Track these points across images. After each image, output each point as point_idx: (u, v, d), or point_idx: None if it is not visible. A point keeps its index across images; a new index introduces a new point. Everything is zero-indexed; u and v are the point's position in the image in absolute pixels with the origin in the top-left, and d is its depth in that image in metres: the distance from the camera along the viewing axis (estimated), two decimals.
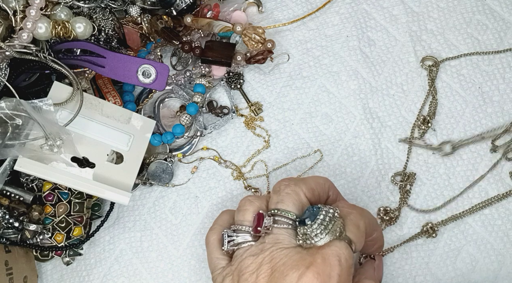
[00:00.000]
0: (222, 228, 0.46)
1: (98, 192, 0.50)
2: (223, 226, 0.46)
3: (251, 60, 0.57)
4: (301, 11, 0.61)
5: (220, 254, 0.45)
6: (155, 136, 0.55)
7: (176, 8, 0.58)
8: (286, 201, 0.42)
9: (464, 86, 0.58)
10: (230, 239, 0.44)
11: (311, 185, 0.44)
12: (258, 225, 0.42)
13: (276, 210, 0.42)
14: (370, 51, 0.59)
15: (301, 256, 0.39)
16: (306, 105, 0.58)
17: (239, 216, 0.44)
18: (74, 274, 0.55)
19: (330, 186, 0.46)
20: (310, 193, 0.43)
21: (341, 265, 0.39)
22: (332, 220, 0.40)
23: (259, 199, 0.45)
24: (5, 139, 0.46)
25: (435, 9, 0.60)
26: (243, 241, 0.43)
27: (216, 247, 0.45)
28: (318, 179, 0.46)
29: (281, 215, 0.42)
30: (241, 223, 0.44)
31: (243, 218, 0.44)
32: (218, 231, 0.46)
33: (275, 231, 0.41)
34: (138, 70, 0.52)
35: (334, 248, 0.39)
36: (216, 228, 0.47)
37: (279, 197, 0.43)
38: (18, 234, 0.52)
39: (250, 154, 0.57)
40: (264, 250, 0.41)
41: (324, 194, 0.45)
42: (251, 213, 0.43)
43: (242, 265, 0.41)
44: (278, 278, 0.39)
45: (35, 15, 0.48)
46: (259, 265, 0.40)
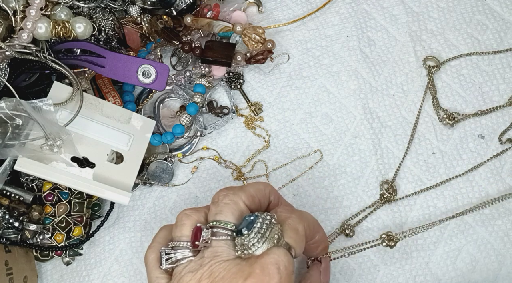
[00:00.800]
0: (161, 246, 0.44)
1: (98, 192, 0.50)
2: (162, 243, 0.44)
3: (251, 60, 0.57)
4: (301, 11, 0.61)
5: (159, 273, 0.43)
6: (155, 136, 0.55)
7: (176, 8, 0.58)
8: (225, 212, 0.41)
9: (464, 86, 0.58)
10: (168, 257, 0.42)
11: (250, 192, 0.43)
12: (196, 239, 0.40)
13: (215, 221, 0.41)
14: (370, 51, 0.59)
15: (240, 268, 0.38)
16: (306, 105, 0.58)
17: (176, 232, 0.42)
18: (74, 274, 0.55)
19: (271, 191, 0.45)
20: (249, 200, 0.42)
21: (280, 273, 0.38)
22: (269, 227, 0.39)
23: (197, 212, 0.43)
24: (5, 139, 0.46)
25: (435, 9, 0.60)
26: (182, 257, 0.41)
27: (155, 266, 0.43)
28: (258, 185, 0.44)
29: (220, 226, 0.40)
30: (179, 239, 0.42)
31: (180, 234, 0.42)
32: (156, 249, 0.44)
33: (214, 244, 0.40)
34: (138, 70, 0.52)
35: (273, 255, 0.38)
36: (154, 246, 0.44)
37: (218, 208, 0.41)
38: (18, 234, 0.52)
39: (250, 154, 0.57)
40: (203, 265, 0.39)
41: (265, 200, 0.44)
42: (188, 228, 0.42)
43: (181, 282, 0.40)
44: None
45: (35, 15, 0.48)
46: (198, 281, 0.39)
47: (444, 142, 0.56)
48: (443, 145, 0.56)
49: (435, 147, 0.56)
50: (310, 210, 0.55)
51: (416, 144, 0.56)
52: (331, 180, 0.56)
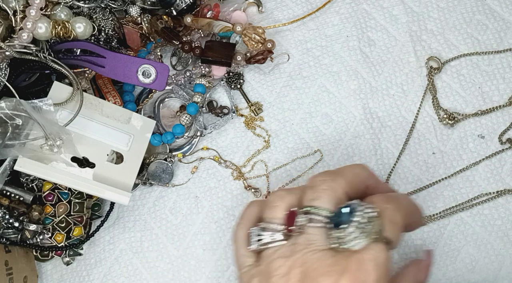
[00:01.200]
0: (250, 223, 0.43)
1: (98, 192, 0.50)
2: (251, 220, 0.43)
3: (251, 60, 0.57)
4: (301, 11, 0.61)
5: (247, 251, 0.42)
6: (155, 136, 0.55)
7: (176, 8, 0.58)
8: (322, 198, 0.39)
9: (464, 86, 0.58)
10: (258, 238, 0.40)
11: (349, 179, 0.40)
12: (290, 224, 0.38)
13: (311, 207, 0.39)
14: (370, 51, 0.59)
15: (335, 260, 0.37)
16: (306, 105, 0.58)
17: (268, 213, 0.41)
18: (74, 274, 0.55)
19: (369, 175, 0.42)
20: (348, 187, 0.40)
21: (378, 270, 0.36)
22: (370, 221, 0.37)
23: (291, 194, 0.41)
24: (5, 139, 0.46)
25: (435, 9, 0.60)
26: (272, 240, 0.39)
27: (243, 243, 0.42)
28: (355, 169, 0.42)
29: (316, 213, 0.38)
30: (271, 220, 0.40)
31: (273, 215, 0.40)
32: (245, 226, 0.43)
33: (308, 231, 0.38)
34: (138, 70, 0.52)
35: (371, 251, 0.36)
36: (243, 223, 0.43)
37: (315, 193, 0.39)
38: (18, 234, 0.52)
39: (250, 154, 0.57)
40: (296, 252, 0.38)
41: (362, 185, 0.42)
42: (281, 210, 0.40)
43: (271, 267, 0.38)
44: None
45: (35, 15, 0.48)
46: (290, 269, 0.37)
47: (444, 142, 0.56)
48: (443, 145, 0.56)
49: (435, 147, 0.56)
50: None
51: (416, 144, 0.56)
52: None
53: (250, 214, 0.44)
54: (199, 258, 0.55)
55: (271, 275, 0.38)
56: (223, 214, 0.56)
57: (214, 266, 0.54)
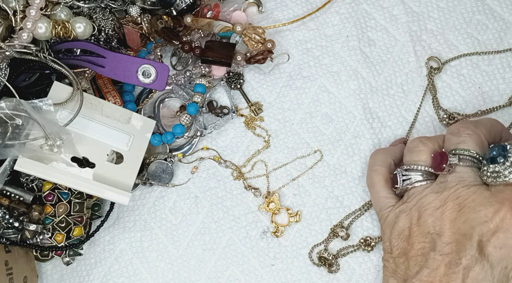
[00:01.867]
0: (384, 169, 0.48)
1: (98, 192, 0.50)
2: (384, 166, 0.48)
3: (251, 60, 0.57)
4: (301, 11, 0.61)
5: (388, 193, 0.47)
6: (155, 136, 0.55)
7: (176, 8, 0.58)
8: (468, 142, 0.43)
9: (464, 86, 0.58)
10: (405, 178, 0.45)
11: (488, 127, 0.45)
12: (443, 162, 0.42)
13: (458, 149, 0.43)
14: (370, 51, 0.59)
15: (491, 193, 0.40)
16: (306, 105, 0.58)
17: (413, 157, 0.45)
18: (74, 274, 0.55)
19: (503, 127, 0.47)
20: (488, 134, 0.44)
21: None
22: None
23: (432, 140, 0.45)
24: (5, 139, 0.46)
25: (435, 9, 0.60)
26: (422, 179, 0.44)
27: (383, 186, 0.47)
28: (493, 121, 0.46)
29: (464, 154, 0.42)
30: (415, 163, 0.45)
31: (417, 159, 0.45)
32: (381, 171, 0.48)
33: (458, 170, 0.42)
34: (138, 70, 0.52)
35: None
36: (378, 169, 0.48)
37: (460, 138, 0.43)
38: (18, 234, 0.52)
39: (250, 154, 0.57)
40: (448, 188, 0.42)
41: (498, 135, 0.46)
42: (426, 154, 0.45)
43: (423, 201, 0.43)
44: (469, 213, 0.40)
45: (35, 15, 0.48)
46: (444, 202, 0.41)
47: None
48: None
49: None
50: (310, 209, 0.55)
51: None
52: (332, 180, 0.56)
53: (382, 161, 0.49)
54: (199, 258, 0.55)
55: (425, 208, 0.42)
56: (223, 214, 0.56)
57: (214, 266, 0.54)
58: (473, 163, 0.43)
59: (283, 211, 0.55)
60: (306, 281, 0.53)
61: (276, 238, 0.55)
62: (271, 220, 0.55)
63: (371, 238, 0.53)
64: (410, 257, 0.43)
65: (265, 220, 0.55)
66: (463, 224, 0.40)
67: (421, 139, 0.46)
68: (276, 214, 0.55)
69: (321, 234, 0.54)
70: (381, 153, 0.50)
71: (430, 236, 0.42)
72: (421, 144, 0.46)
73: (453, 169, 0.43)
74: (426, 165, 0.45)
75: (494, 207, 0.39)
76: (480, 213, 0.40)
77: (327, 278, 0.53)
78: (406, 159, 0.46)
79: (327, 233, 0.54)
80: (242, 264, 0.54)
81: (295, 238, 0.54)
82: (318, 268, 0.53)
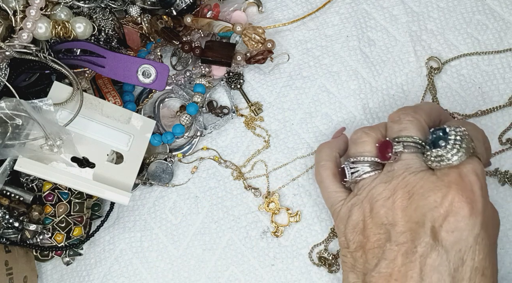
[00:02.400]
0: (331, 163, 0.48)
1: (98, 192, 0.50)
2: (330, 161, 0.48)
3: (251, 60, 0.57)
4: (301, 11, 0.61)
5: (338, 188, 0.46)
6: (155, 136, 0.55)
7: (176, 8, 0.58)
8: (410, 128, 0.43)
9: (464, 86, 0.58)
10: (352, 171, 0.44)
11: (427, 111, 0.45)
12: (388, 151, 0.42)
13: (401, 137, 0.42)
14: (370, 51, 0.59)
15: (437, 177, 0.40)
16: (306, 105, 0.58)
17: (358, 148, 0.45)
18: (74, 274, 0.55)
19: (442, 110, 0.47)
20: (428, 119, 0.44)
21: (479, 179, 0.39)
22: (463, 138, 0.40)
23: (374, 130, 0.45)
24: (5, 139, 0.46)
25: (435, 9, 0.60)
26: (370, 170, 0.44)
27: (332, 181, 0.47)
28: (430, 104, 0.46)
29: (408, 141, 0.42)
30: (361, 154, 0.44)
31: (362, 150, 0.45)
32: (327, 166, 0.47)
33: (404, 157, 0.42)
34: (138, 70, 0.52)
35: (469, 165, 0.40)
36: (325, 165, 0.48)
37: (401, 125, 0.43)
38: (18, 234, 0.52)
39: (250, 154, 0.57)
40: (396, 177, 0.41)
41: (437, 118, 0.46)
42: (370, 144, 0.44)
43: (373, 192, 0.42)
44: (419, 200, 0.40)
45: (35, 15, 0.48)
46: (393, 191, 0.41)
47: None
48: None
49: None
50: (311, 209, 0.55)
51: None
52: None
53: (327, 155, 0.48)
54: (199, 258, 0.55)
55: (375, 199, 0.42)
56: (223, 214, 0.56)
57: (214, 266, 0.54)
58: (417, 149, 0.42)
59: (283, 211, 0.55)
60: (306, 281, 0.53)
61: (276, 238, 0.55)
62: (271, 220, 0.55)
63: None
64: (367, 250, 0.43)
65: (265, 220, 0.55)
66: (414, 211, 0.40)
67: (364, 130, 0.46)
68: (276, 214, 0.55)
69: (321, 234, 0.54)
70: (326, 148, 0.49)
71: (384, 227, 0.41)
72: (364, 134, 0.45)
73: (399, 157, 0.42)
74: (372, 155, 0.44)
75: (442, 191, 0.39)
76: (429, 199, 0.39)
77: (327, 278, 0.53)
78: (352, 152, 0.46)
79: (327, 233, 0.54)
80: (242, 264, 0.54)
81: (295, 238, 0.54)
82: (318, 268, 0.53)
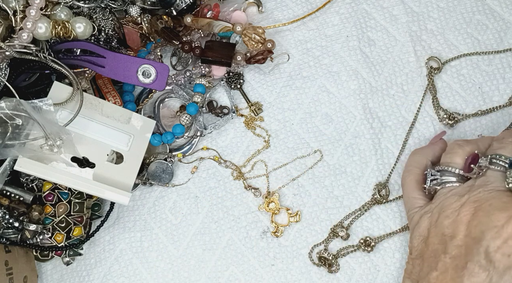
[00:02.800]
0: (418, 170, 0.48)
1: (98, 192, 0.50)
2: (418, 167, 0.48)
3: (251, 60, 0.57)
4: (301, 11, 0.61)
5: (417, 194, 0.47)
6: (155, 136, 0.55)
7: (176, 8, 0.58)
8: (507, 148, 0.43)
9: (464, 86, 0.58)
10: (433, 178, 0.45)
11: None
12: (473, 162, 0.43)
13: (495, 155, 0.42)
14: (370, 51, 0.59)
15: (510, 199, 0.40)
16: (306, 105, 0.58)
17: (446, 158, 0.46)
18: (74, 274, 0.55)
19: None
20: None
21: None
22: None
23: (469, 144, 0.46)
24: (5, 139, 0.46)
25: (435, 9, 0.60)
26: (448, 180, 0.44)
27: (413, 187, 0.47)
28: None
29: (499, 159, 0.42)
30: (448, 164, 0.45)
31: (450, 160, 0.45)
32: (414, 172, 0.48)
33: (488, 173, 0.42)
34: (138, 70, 0.52)
35: None
36: (411, 170, 0.49)
37: (501, 144, 0.43)
38: (18, 234, 0.52)
39: (250, 154, 0.57)
40: (472, 190, 0.42)
41: None
42: (460, 156, 0.45)
43: (444, 202, 0.43)
44: (482, 217, 0.39)
45: (35, 15, 0.48)
46: (463, 204, 0.41)
47: None
48: None
49: None
50: (310, 209, 0.55)
51: (416, 144, 0.56)
52: (332, 180, 0.56)
53: (415, 161, 0.49)
54: (199, 258, 0.55)
55: (444, 210, 0.42)
56: (223, 214, 0.56)
57: (214, 266, 0.54)
58: (504, 168, 0.42)
59: (283, 211, 0.55)
60: (306, 281, 0.53)
61: (276, 238, 0.55)
62: (271, 220, 0.55)
63: (371, 238, 0.53)
64: (425, 259, 0.43)
65: (265, 220, 0.55)
66: (474, 227, 0.40)
67: (458, 142, 0.46)
68: (276, 214, 0.55)
69: (321, 234, 0.54)
70: (418, 154, 0.50)
71: (443, 238, 0.41)
72: (457, 146, 0.46)
73: (483, 172, 0.42)
74: (459, 167, 0.44)
75: (509, 213, 0.38)
76: (492, 218, 0.39)
77: (327, 278, 0.53)
78: (441, 161, 0.47)
79: (327, 233, 0.54)
80: (242, 264, 0.54)
81: (295, 238, 0.54)
82: (318, 268, 0.53)
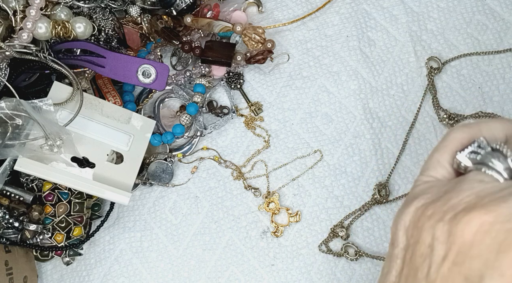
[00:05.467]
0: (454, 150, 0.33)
1: (98, 192, 0.50)
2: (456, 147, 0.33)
3: (251, 60, 0.57)
4: (301, 11, 0.61)
5: (446, 158, 0.33)
6: (155, 136, 0.55)
7: (176, 8, 0.58)
8: None
9: (464, 86, 0.58)
10: (475, 150, 0.32)
11: None
12: None
13: None
14: (370, 51, 0.59)
15: None
16: (306, 105, 0.58)
17: None
18: (74, 274, 0.55)
19: None
20: None
21: None
22: None
23: None
24: (5, 139, 0.46)
25: (435, 9, 0.60)
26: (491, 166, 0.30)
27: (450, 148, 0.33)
28: None
29: None
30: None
31: None
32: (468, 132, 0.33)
33: None
34: (138, 70, 0.52)
35: None
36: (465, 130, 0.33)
37: None
38: (18, 234, 0.52)
39: (250, 154, 0.57)
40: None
41: None
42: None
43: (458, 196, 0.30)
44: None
45: (35, 15, 0.48)
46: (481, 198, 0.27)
47: None
48: None
49: None
50: (310, 209, 0.55)
51: (416, 144, 0.56)
52: (332, 180, 0.56)
53: (457, 140, 0.34)
54: (199, 258, 0.55)
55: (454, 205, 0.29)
56: (223, 214, 0.56)
57: (214, 266, 0.54)
58: None
59: (283, 211, 0.55)
60: (306, 281, 0.53)
61: (276, 238, 0.55)
62: (271, 220, 0.55)
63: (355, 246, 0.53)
64: (405, 264, 0.37)
65: (265, 220, 0.55)
66: None
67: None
68: (276, 214, 0.55)
69: (321, 234, 0.54)
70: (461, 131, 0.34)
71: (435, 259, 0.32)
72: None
73: None
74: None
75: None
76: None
77: (327, 278, 0.53)
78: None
79: (327, 233, 0.54)
80: (242, 264, 0.54)
81: (295, 238, 0.54)
82: (318, 268, 0.53)
